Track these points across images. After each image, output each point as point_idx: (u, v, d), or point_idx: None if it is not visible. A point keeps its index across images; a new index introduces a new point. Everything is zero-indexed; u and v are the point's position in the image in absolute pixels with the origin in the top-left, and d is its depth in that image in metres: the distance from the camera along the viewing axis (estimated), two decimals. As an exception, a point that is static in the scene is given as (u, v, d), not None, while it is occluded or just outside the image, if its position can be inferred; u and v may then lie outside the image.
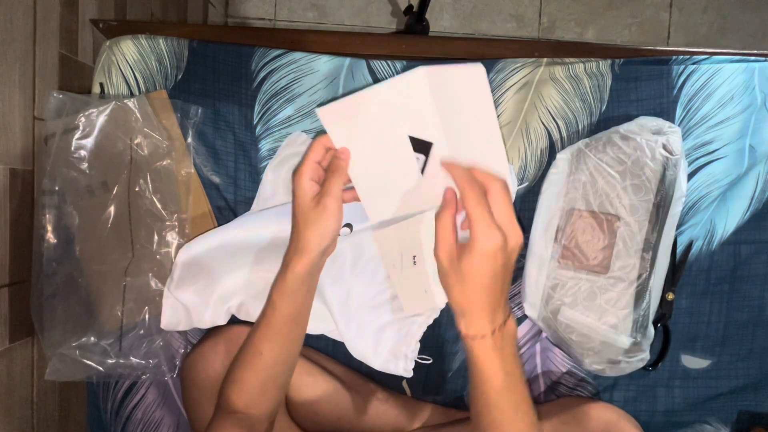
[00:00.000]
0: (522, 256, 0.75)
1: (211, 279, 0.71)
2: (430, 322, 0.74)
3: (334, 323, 0.73)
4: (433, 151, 0.55)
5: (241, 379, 0.58)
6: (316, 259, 0.56)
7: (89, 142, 0.67)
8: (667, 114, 0.72)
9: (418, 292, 0.72)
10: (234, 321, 0.74)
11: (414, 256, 0.73)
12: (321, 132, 0.73)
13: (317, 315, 0.74)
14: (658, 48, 0.75)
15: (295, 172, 0.55)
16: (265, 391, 0.59)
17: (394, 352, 0.72)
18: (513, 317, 0.50)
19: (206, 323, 0.72)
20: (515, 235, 0.46)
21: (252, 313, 0.73)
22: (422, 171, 0.54)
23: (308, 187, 0.55)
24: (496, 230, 0.45)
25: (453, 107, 0.54)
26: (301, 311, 0.59)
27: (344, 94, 0.72)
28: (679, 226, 0.73)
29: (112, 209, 0.68)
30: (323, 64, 0.73)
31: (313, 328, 0.75)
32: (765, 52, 0.73)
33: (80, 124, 0.66)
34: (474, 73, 0.53)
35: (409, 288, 0.73)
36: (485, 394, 0.49)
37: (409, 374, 0.71)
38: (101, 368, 0.69)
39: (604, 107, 0.73)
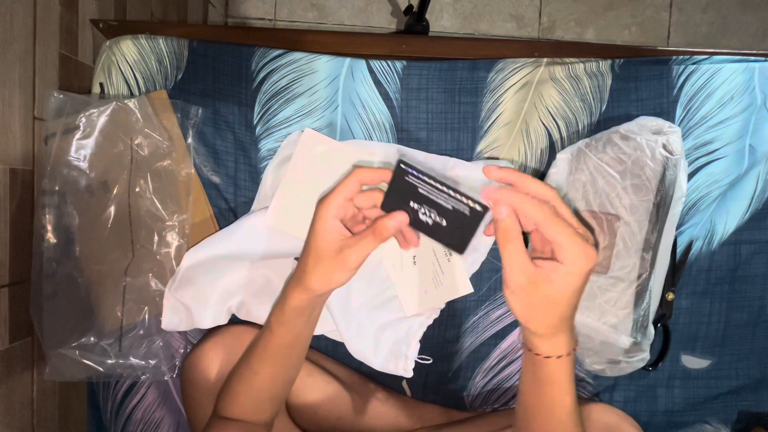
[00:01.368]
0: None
1: (211, 279, 0.71)
2: (430, 322, 0.74)
3: (334, 323, 0.72)
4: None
5: (237, 392, 0.58)
6: (318, 298, 0.53)
7: (89, 142, 0.67)
8: (667, 114, 0.72)
9: (418, 292, 0.73)
10: (234, 320, 0.74)
11: (414, 256, 0.73)
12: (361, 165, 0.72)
13: (317, 315, 0.74)
14: (658, 48, 0.75)
15: (321, 201, 0.49)
16: (260, 405, 0.59)
17: (394, 352, 0.72)
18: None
19: (207, 323, 0.72)
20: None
21: (252, 313, 0.73)
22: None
23: (331, 227, 0.48)
24: (590, 248, 0.41)
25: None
26: (299, 339, 0.57)
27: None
28: (679, 226, 0.73)
29: (112, 209, 0.68)
30: (323, 64, 0.73)
31: (313, 328, 0.75)
32: (765, 52, 0.73)
33: (80, 124, 0.66)
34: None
35: (409, 288, 0.73)
36: (555, 414, 0.48)
37: (409, 374, 0.71)
38: (101, 368, 0.69)
39: (604, 107, 0.73)
